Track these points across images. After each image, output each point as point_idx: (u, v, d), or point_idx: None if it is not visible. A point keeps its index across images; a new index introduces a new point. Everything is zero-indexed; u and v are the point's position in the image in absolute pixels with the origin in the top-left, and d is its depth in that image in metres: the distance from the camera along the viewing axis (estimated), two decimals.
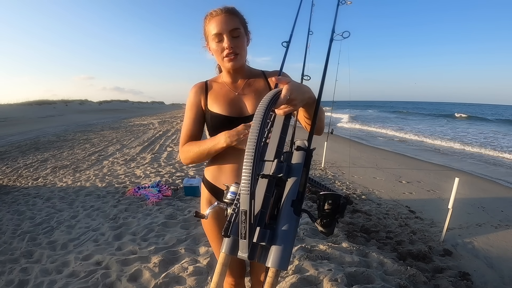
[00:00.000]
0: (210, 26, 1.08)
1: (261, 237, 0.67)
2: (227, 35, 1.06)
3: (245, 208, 0.64)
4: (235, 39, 1.07)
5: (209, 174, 1.23)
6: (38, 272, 2.35)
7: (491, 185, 5.22)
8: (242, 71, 1.19)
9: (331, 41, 0.89)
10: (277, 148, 0.77)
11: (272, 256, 0.67)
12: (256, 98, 1.16)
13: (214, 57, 1.14)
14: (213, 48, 1.10)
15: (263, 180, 0.73)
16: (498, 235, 3.18)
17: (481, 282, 2.35)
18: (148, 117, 22.83)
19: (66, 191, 4.48)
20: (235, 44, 1.07)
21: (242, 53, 1.10)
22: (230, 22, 1.06)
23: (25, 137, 11.71)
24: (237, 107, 1.15)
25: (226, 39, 1.06)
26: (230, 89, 1.18)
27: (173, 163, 6.07)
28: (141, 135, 11.19)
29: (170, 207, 3.60)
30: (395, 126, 17.67)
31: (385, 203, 4.11)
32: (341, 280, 2.05)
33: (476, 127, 19.05)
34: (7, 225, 3.29)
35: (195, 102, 1.19)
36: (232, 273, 1.32)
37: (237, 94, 1.17)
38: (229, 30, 1.06)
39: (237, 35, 1.07)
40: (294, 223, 0.68)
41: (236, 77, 1.19)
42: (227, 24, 1.06)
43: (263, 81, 1.21)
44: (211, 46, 1.11)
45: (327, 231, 0.68)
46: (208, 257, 2.40)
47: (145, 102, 67.36)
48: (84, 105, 39.74)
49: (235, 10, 1.10)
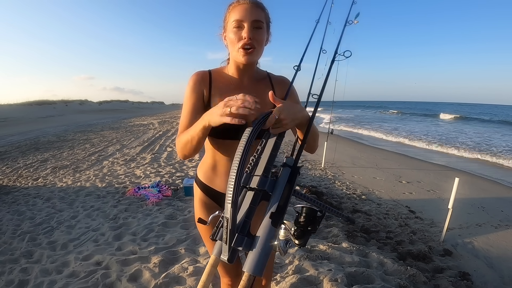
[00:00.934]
0: (232, 13, 1.01)
1: (238, 242, 0.73)
2: (248, 24, 0.98)
3: (227, 215, 0.72)
4: (256, 31, 0.99)
5: (203, 175, 1.20)
6: (38, 272, 2.34)
7: (491, 185, 5.22)
8: (251, 70, 1.12)
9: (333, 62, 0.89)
10: (267, 164, 0.83)
11: (247, 261, 0.72)
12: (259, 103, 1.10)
13: (228, 48, 1.07)
14: (230, 37, 1.02)
15: (250, 192, 0.81)
16: (498, 235, 3.18)
17: (481, 282, 2.35)
18: (148, 117, 22.83)
19: (66, 191, 4.48)
20: (254, 36, 0.99)
21: (259, 48, 1.02)
22: (255, 12, 0.99)
23: (25, 137, 11.72)
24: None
25: (246, 28, 0.98)
26: (235, 89, 1.10)
27: (173, 163, 6.07)
28: (141, 135, 11.19)
29: (170, 207, 3.60)
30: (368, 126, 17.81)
31: (385, 203, 4.11)
32: (341, 280, 2.05)
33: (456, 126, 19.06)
34: (7, 225, 3.29)
35: (196, 91, 1.08)
36: (228, 273, 1.32)
37: None
38: (252, 20, 0.98)
39: (259, 27, 1.00)
40: (271, 233, 0.73)
41: (244, 75, 1.11)
42: (251, 14, 0.99)
43: (268, 84, 1.16)
44: (228, 34, 1.03)
45: (299, 242, 0.73)
46: (208, 257, 2.40)
47: (145, 102, 67.37)
48: (84, 105, 39.75)
49: (262, 4, 1.04)
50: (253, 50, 1.00)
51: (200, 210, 1.23)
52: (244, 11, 0.99)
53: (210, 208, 1.21)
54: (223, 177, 1.16)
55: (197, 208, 1.24)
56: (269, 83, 1.17)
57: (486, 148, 9.71)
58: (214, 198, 1.20)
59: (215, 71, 1.14)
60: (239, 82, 1.12)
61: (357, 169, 5.98)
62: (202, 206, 1.22)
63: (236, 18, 0.99)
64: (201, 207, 1.22)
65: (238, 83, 1.12)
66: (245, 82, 1.13)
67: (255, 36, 0.99)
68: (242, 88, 1.12)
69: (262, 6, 1.04)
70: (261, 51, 1.05)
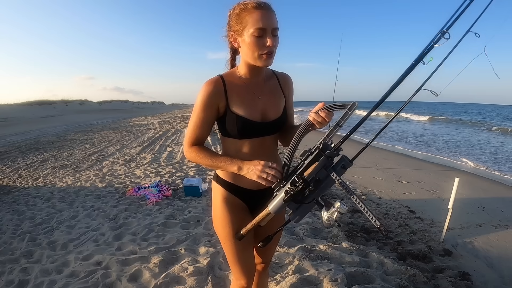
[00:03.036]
0: (251, 18, 1.01)
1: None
2: (271, 33, 1.02)
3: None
4: (275, 38, 1.04)
5: (225, 173, 1.20)
6: (38, 272, 2.35)
7: (491, 185, 5.21)
8: (263, 69, 1.17)
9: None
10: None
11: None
12: (275, 102, 1.19)
13: (242, 49, 1.08)
14: (248, 42, 1.03)
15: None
16: (498, 235, 3.18)
17: (481, 282, 2.35)
18: (148, 117, 22.83)
19: (66, 191, 4.48)
20: (274, 44, 1.03)
21: (275, 52, 1.07)
22: (274, 19, 1.03)
23: (25, 137, 11.72)
24: (261, 111, 1.14)
25: (270, 37, 1.02)
26: (252, 91, 1.15)
27: (173, 163, 6.07)
28: (141, 135, 11.19)
29: (170, 207, 3.60)
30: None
31: (385, 203, 4.11)
32: (341, 280, 2.05)
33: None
34: (7, 225, 3.29)
35: (211, 104, 1.10)
36: (247, 274, 1.26)
37: (260, 98, 1.15)
38: (273, 28, 1.02)
39: (276, 34, 1.05)
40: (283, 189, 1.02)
41: (257, 75, 1.16)
42: (272, 21, 1.02)
43: (276, 82, 1.23)
44: (246, 39, 1.03)
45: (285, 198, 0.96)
46: (208, 257, 2.40)
47: (145, 102, 67.40)
48: (84, 105, 39.77)
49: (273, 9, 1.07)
50: (272, 56, 1.05)
51: (225, 208, 1.20)
52: (266, 19, 1.01)
53: (235, 205, 1.21)
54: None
55: (220, 207, 1.21)
56: (276, 80, 1.23)
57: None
58: (240, 195, 1.21)
59: (228, 76, 1.14)
60: (254, 83, 1.16)
61: (357, 169, 5.98)
62: (226, 204, 1.20)
63: (259, 26, 1.00)
64: (225, 205, 1.20)
65: (253, 83, 1.16)
66: (259, 82, 1.17)
67: (274, 43, 1.04)
68: (257, 89, 1.16)
69: (273, 11, 1.06)
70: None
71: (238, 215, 1.20)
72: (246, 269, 1.25)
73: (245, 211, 1.23)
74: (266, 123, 1.14)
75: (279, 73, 1.25)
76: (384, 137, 12.14)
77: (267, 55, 1.04)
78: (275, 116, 1.16)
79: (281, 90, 1.22)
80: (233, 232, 1.19)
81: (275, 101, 1.18)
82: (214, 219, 1.25)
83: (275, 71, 1.25)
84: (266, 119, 1.15)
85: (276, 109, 1.17)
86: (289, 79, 1.26)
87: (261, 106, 1.15)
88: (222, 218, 1.21)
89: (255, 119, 1.12)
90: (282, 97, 1.22)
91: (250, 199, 1.23)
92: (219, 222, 1.22)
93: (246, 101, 1.12)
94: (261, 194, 1.19)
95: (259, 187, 1.16)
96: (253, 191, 1.20)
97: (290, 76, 1.27)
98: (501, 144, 10.96)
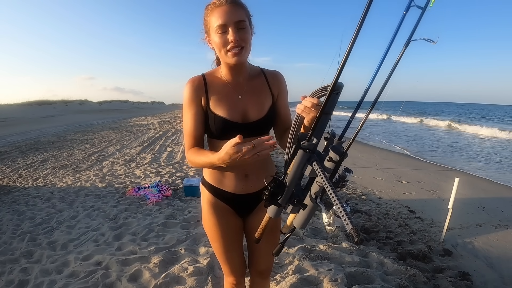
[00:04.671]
0: (213, 17, 1.00)
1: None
2: (233, 27, 0.98)
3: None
4: (240, 31, 0.99)
5: (210, 177, 1.21)
6: (38, 272, 2.34)
7: (491, 185, 5.21)
8: (244, 68, 1.12)
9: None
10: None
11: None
12: (258, 102, 1.13)
13: (215, 51, 1.07)
14: (215, 41, 1.02)
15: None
16: (498, 235, 3.18)
17: (481, 282, 2.35)
18: (148, 117, 22.83)
19: (66, 191, 4.48)
20: (240, 37, 0.99)
21: (247, 47, 1.02)
22: (236, 13, 0.99)
23: (25, 137, 11.72)
24: (241, 112, 1.11)
25: (232, 31, 0.98)
26: (232, 91, 1.12)
27: (173, 163, 6.07)
28: (141, 135, 11.19)
29: (170, 207, 3.60)
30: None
31: (385, 203, 4.11)
32: (341, 280, 2.05)
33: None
34: (7, 225, 3.29)
35: (194, 100, 1.10)
36: (234, 273, 1.32)
37: (240, 97, 1.12)
38: (235, 22, 0.98)
39: (242, 27, 1.00)
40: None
41: (238, 74, 1.12)
42: (233, 15, 0.98)
43: (263, 81, 1.17)
44: (213, 38, 1.02)
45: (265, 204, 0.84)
46: (208, 257, 2.40)
47: (145, 102, 67.43)
48: (84, 105, 39.79)
49: (240, 1, 1.03)
50: (241, 50, 1.01)
51: (210, 212, 1.23)
52: (224, 14, 0.98)
53: (220, 209, 1.22)
54: (232, 178, 1.17)
55: (206, 210, 1.24)
56: (263, 79, 1.17)
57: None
58: (224, 199, 1.21)
59: (209, 75, 1.14)
60: (235, 83, 1.13)
61: (357, 169, 5.98)
62: (211, 207, 1.22)
63: (218, 23, 0.99)
64: (210, 208, 1.22)
65: (234, 84, 1.13)
66: (240, 81, 1.13)
67: (241, 37, 1.00)
68: (238, 88, 1.13)
69: (240, 3, 1.03)
70: (249, 48, 1.05)
71: (223, 218, 1.22)
72: (234, 268, 1.30)
73: (231, 214, 1.24)
74: (247, 124, 1.10)
75: (269, 71, 1.20)
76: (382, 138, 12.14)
77: (234, 51, 1.00)
78: (258, 116, 1.12)
79: (268, 89, 1.16)
80: (219, 233, 1.23)
81: (258, 101, 1.13)
82: (202, 221, 1.29)
83: (264, 70, 1.20)
84: (247, 119, 1.11)
85: (259, 109, 1.12)
86: (279, 77, 1.19)
87: (242, 106, 1.11)
88: (208, 220, 1.24)
89: (234, 120, 1.09)
90: (269, 97, 1.16)
91: (235, 203, 1.23)
92: (206, 224, 1.26)
93: (226, 100, 1.10)
94: (245, 198, 1.20)
95: (243, 191, 1.18)
96: (237, 195, 1.20)
97: (281, 74, 1.20)
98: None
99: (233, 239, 1.27)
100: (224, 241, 1.24)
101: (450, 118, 24.85)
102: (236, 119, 1.10)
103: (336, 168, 0.80)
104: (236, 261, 1.31)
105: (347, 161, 0.79)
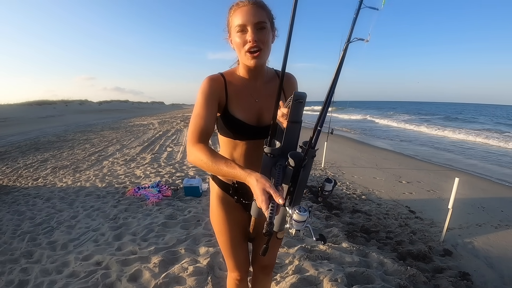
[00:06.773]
0: (235, 17, 1.01)
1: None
2: (252, 27, 0.98)
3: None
4: (259, 32, 0.99)
5: None
6: (38, 272, 2.34)
7: (491, 185, 5.21)
8: (262, 71, 1.13)
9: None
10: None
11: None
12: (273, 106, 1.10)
13: (236, 51, 1.08)
14: (235, 41, 1.03)
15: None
16: (498, 235, 3.18)
17: (481, 282, 2.35)
18: (148, 117, 22.83)
19: (66, 191, 4.48)
20: (259, 38, 0.99)
21: (265, 49, 1.02)
22: (256, 14, 0.99)
23: (25, 137, 11.72)
24: (256, 115, 1.12)
25: (250, 31, 0.98)
26: (250, 93, 1.13)
27: (173, 163, 6.07)
28: (141, 135, 11.19)
29: (170, 207, 3.60)
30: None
31: (385, 203, 4.11)
32: (341, 280, 2.05)
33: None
34: (7, 225, 3.29)
35: (214, 97, 1.08)
36: (239, 268, 1.34)
37: (257, 101, 1.13)
38: (254, 22, 0.99)
39: (262, 28, 1.00)
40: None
41: (255, 76, 1.13)
42: (253, 16, 0.99)
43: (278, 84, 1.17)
44: (234, 38, 1.04)
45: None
46: (208, 257, 2.40)
47: (145, 102, 67.45)
48: (84, 105, 39.80)
49: (263, 3, 1.04)
50: (259, 53, 1.01)
51: (218, 206, 1.27)
52: (245, 14, 0.99)
53: (230, 204, 1.25)
54: None
55: (215, 204, 1.27)
56: (277, 80, 1.18)
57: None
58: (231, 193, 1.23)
59: (228, 75, 1.14)
60: (252, 85, 1.14)
61: (357, 169, 5.98)
62: (220, 201, 1.26)
63: (239, 22, 1.00)
64: (219, 202, 1.26)
65: (251, 86, 1.14)
66: (258, 84, 1.14)
67: (260, 38, 1.00)
68: (256, 91, 1.14)
69: (262, 5, 1.03)
70: (268, 51, 1.06)
71: (232, 213, 1.26)
72: (239, 263, 1.33)
73: (239, 209, 1.27)
74: (261, 128, 1.12)
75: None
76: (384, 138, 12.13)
77: (251, 53, 1.00)
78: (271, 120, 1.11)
79: (283, 94, 1.16)
80: (227, 228, 1.27)
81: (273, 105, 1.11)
82: (210, 215, 1.32)
83: (278, 72, 1.20)
84: (261, 123, 1.13)
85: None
86: (293, 81, 1.21)
87: (258, 109, 1.13)
88: (216, 215, 1.28)
89: (250, 123, 1.11)
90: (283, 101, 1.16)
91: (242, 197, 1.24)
92: (214, 218, 1.30)
93: (244, 103, 1.11)
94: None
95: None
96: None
97: (294, 77, 1.21)
98: None
99: (240, 234, 1.30)
100: (231, 235, 1.28)
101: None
102: (252, 122, 1.12)
103: (296, 172, 0.88)
104: (241, 256, 1.33)
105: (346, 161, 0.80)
